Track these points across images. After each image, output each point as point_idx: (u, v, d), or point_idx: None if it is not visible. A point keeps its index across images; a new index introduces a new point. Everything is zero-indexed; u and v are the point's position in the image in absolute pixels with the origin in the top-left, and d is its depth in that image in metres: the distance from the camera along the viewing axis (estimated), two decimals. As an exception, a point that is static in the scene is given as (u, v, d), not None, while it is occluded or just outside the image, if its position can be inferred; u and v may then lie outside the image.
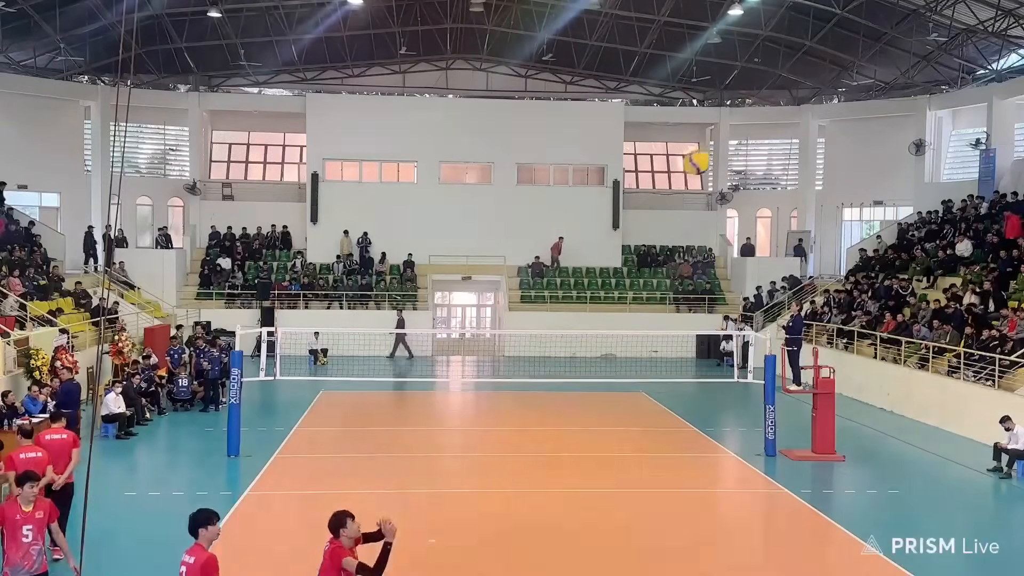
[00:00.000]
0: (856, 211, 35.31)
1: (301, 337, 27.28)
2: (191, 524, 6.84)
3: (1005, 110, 29.19)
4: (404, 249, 33.77)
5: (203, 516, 6.87)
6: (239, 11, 31.18)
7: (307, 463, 16.25)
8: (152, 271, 31.07)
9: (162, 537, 11.87)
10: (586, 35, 33.25)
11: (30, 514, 7.90)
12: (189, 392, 20.78)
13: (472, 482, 15.04)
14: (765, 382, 17.04)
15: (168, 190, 35.18)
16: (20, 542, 7.80)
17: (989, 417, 16.69)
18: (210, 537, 6.84)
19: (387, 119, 34.46)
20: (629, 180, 36.95)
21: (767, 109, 36.82)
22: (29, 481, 8.09)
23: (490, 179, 35.28)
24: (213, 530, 6.85)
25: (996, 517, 14.18)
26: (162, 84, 34.93)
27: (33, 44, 30.96)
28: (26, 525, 7.83)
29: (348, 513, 7.06)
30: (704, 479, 16.05)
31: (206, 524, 6.82)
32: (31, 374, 18.37)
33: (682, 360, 30.50)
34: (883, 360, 23.02)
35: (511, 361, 30.06)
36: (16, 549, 7.82)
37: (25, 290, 23.42)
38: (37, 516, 7.94)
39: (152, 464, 16.82)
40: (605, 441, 18.19)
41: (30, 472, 8.38)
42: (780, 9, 30.21)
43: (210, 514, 6.91)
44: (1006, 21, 27.06)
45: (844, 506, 14.07)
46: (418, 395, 23.35)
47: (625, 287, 34.01)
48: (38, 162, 31.07)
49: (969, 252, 25.63)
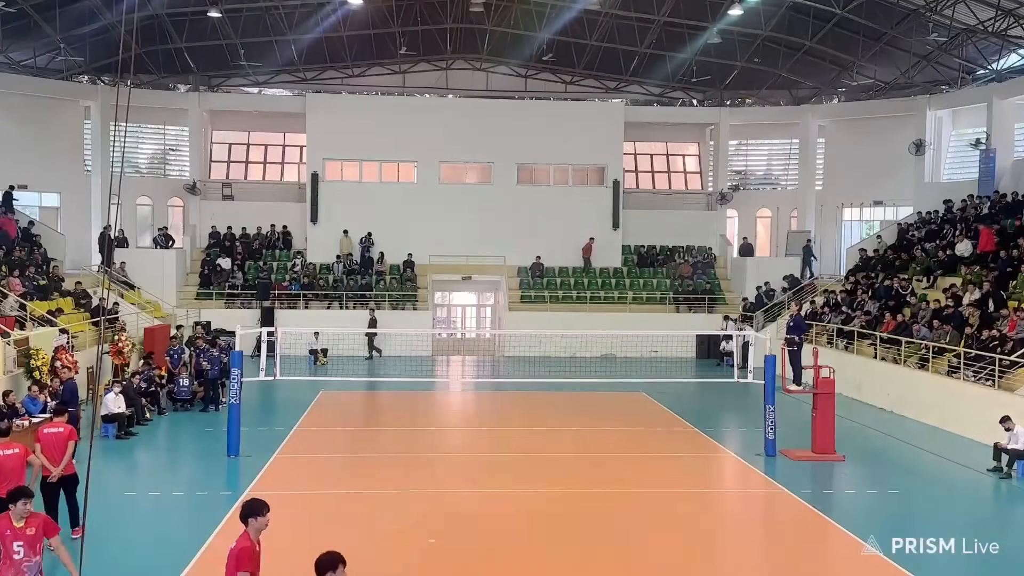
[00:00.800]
0: (856, 211, 35.31)
1: (301, 337, 27.29)
2: (241, 512, 7.05)
3: (1005, 110, 29.20)
4: (404, 249, 33.77)
5: (253, 506, 7.05)
6: (239, 11, 31.19)
7: (307, 463, 16.25)
8: (152, 271, 31.07)
9: (162, 537, 11.89)
10: (586, 35, 33.26)
11: (21, 530, 7.70)
12: (189, 392, 20.79)
13: (472, 482, 15.04)
14: (765, 382, 17.03)
15: (168, 190, 35.19)
16: (12, 559, 7.63)
17: (989, 417, 16.69)
18: (258, 527, 7.01)
19: (387, 119, 34.45)
20: (629, 180, 36.96)
21: (767, 109, 36.83)
22: (23, 497, 7.90)
23: (490, 179, 35.28)
24: (262, 520, 7.01)
25: (996, 517, 14.17)
26: (162, 84, 34.94)
27: (33, 44, 30.97)
28: (16, 541, 7.64)
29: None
30: (704, 479, 16.04)
31: (255, 514, 7.00)
32: (31, 374, 18.36)
33: (682, 360, 30.49)
34: (883, 360, 23.02)
35: (511, 361, 30.06)
36: (8, 566, 7.65)
37: (25, 290, 23.43)
38: (28, 532, 7.72)
39: (152, 464, 16.81)
40: (605, 441, 18.19)
41: (23, 488, 8.30)
42: (780, 9, 30.21)
43: (259, 504, 7.05)
44: (1006, 21, 27.06)
45: (844, 506, 14.07)
46: (418, 395, 23.35)
47: (625, 287, 34.02)
48: (38, 162, 31.08)
49: (969, 252, 25.63)
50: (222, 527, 12.05)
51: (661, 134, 38.04)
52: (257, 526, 7.03)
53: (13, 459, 10.25)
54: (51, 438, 11.13)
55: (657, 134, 37.85)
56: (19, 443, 10.82)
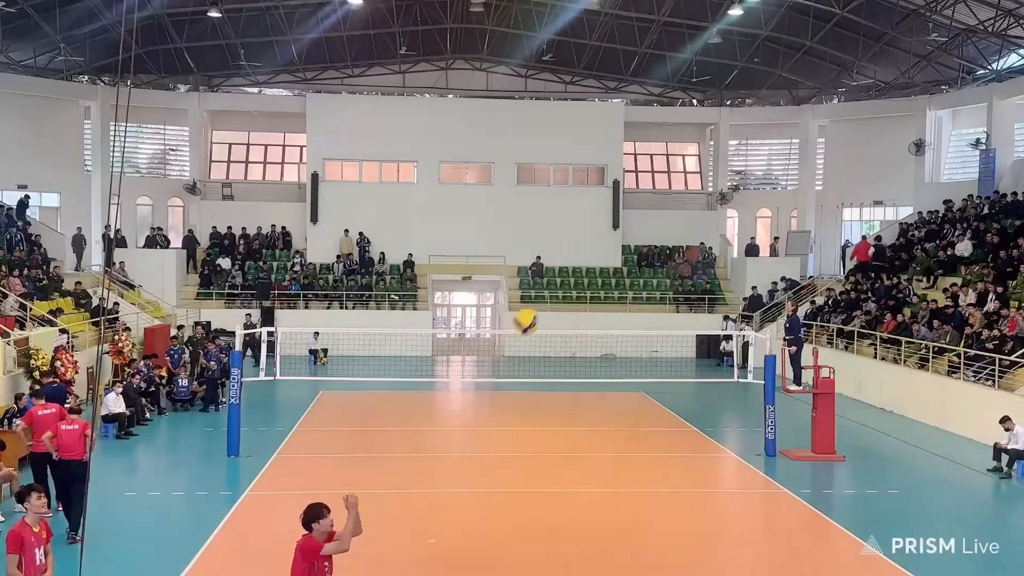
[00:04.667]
0: (856, 211, 35.30)
1: (301, 337, 27.27)
2: (304, 519, 7.07)
3: (1005, 110, 29.19)
4: (404, 249, 33.77)
5: (313, 511, 7.08)
6: (239, 11, 31.19)
7: (307, 463, 16.25)
8: (152, 271, 31.05)
9: (162, 537, 11.89)
10: (586, 35, 33.26)
11: (38, 535, 7.68)
12: (189, 392, 20.80)
13: (472, 482, 15.04)
14: (765, 382, 17.03)
15: (168, 190, 35.18)
16: (34, 564, 7.58)
17: (989, 417, 16.68)
18: (323, 530, 7.03)
19: (387, 119, 34.45)
20: (629, 180, 36.95)
21: (767, 109, 36.83)
22: (33, 492, 7.89)
23: (490, 179, 35.27)
24: (325, 523, 7.04)
25: (996, 517, 14.18)
26: (162, 84, 34.94)
27: (33, 44, 30.96)
28: (38, 548, 7.63)
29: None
30: (704, 479, 16.05)
31: (318, 518, 7.03)
32: (31, 374, 18.36)
33: (682, 360, 30.48)
34: (883, 360, 23.02)
35: (511, 361, 30.06)
36: (32, 572, 7.58)
37: (25, 290, 23.42)
38: (43, 536, 7.75)
39: (152, 464, 16.82)
40: (605, 441, 18.19)
41: (33, 484, 8.31)
42: (780, 9, 30.20)
43: (319, 508, 7.08)
44: (1006, 21, 27.05)
45: (844, 506, 14.07)
46: (418, 395, 23.35)
47: (625, 287, 34.01)
48: (38, 162, 31.07)
49: (969, 252, 25.64)
50: (222, 527, 12.07)
51: (661, 134, 38.02)
52: (321, 528, 7.02)
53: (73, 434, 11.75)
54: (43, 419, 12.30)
55: (657, 134, 37.84)
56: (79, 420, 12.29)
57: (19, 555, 7.42)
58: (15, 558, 7.41)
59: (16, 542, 7.47)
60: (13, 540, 7.48)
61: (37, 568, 7.60)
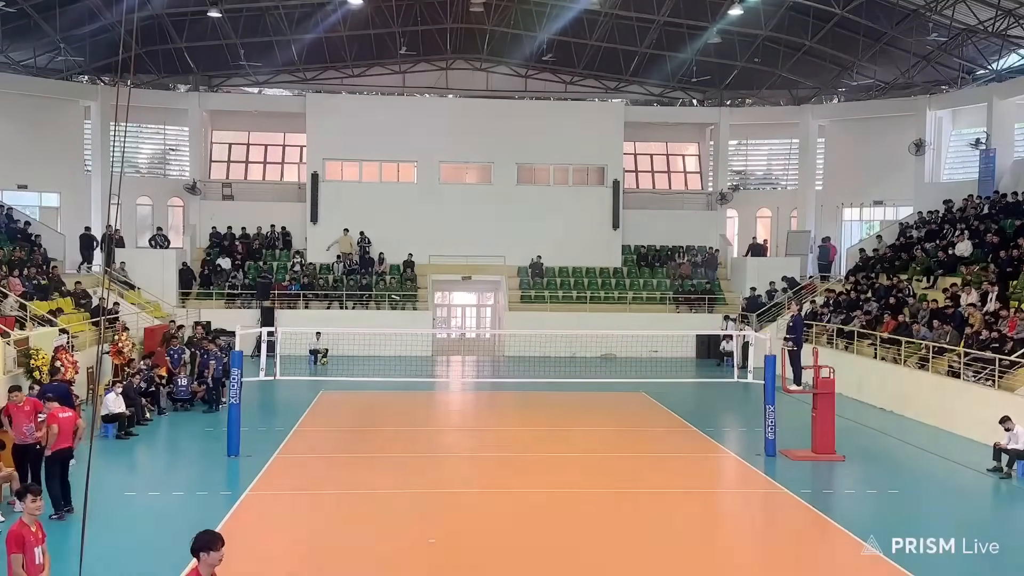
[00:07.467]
0: (856, 211, 35.31)
1: (301, 337, 27.26)
2: (193, 545, 6.41)
3: (1005, 110, 29.20)
4: (404, 249, 33.78)
5: (206, 539, 6.41)
6: (239, 11, 31.19)
7: (307, 463, 16.24)
8: (152, 271, 31.05)
9: (162, 537, 11.89)
10: (586, 35, 33.26)
11: (35, 534, 7.76)
12: (189, 392, 20.79)
13: (472, 482, 15.03)
14: (765, 382, 17.03)
15: (168, 190, 35.19)
16: (34, 564, 7.65)
17: (989, 417, 16.68)
18: (211, 563, 6.36)
19: (387, 119, 34.45)
20: (629, 180, 36.96)
21: (767, 109, 36.83)
22: (30, 493, 7.97)
23: (490, 179, 35.28)
24: (215, 556, 6.37)
25: (996, 517, 14.16)
26: (162, 84, 34.94)
27: (33, 44, 30.97)
28: (36, 547, 7.71)
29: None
30: (704, 479, 16.04)
31: (208, 548, 6.36)
32: (31, 374, 18.35)
33: (682, 360, 30.49)
34: (883, 360, 23.02)
35: (511, 361, 30.05)
36: (34, 572, 7.65)
37: (25, 290, 23.42)
38: (39, 536, 7.84)
39: (152, 464, 16.81)
40: (605, 441, 18.19)
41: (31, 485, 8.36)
42: (780, 9, 30.22)
43: (213, 538, 6.42)
44: (1006, 21, 27.07)
45: (844, 506, 14.05)
46: (418, 395, 23.35)
47: (625, 287, 34.01)
48: (38, 162, 31.09)
49: (969, 252, 25.64)
50: (222, 527, 12.05)
51: (661, 134, 38.04)
52: (210, 561, 6.32)
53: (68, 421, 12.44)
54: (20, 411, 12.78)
55: (657, 134, 37.85)
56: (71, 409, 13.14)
57: (23, 554, 7.47)
58: (19, 557, 7.47)
59: (18, 542, 7.54)
60: (15, 540, 7.54)
61: (36, 567, 7.66)
